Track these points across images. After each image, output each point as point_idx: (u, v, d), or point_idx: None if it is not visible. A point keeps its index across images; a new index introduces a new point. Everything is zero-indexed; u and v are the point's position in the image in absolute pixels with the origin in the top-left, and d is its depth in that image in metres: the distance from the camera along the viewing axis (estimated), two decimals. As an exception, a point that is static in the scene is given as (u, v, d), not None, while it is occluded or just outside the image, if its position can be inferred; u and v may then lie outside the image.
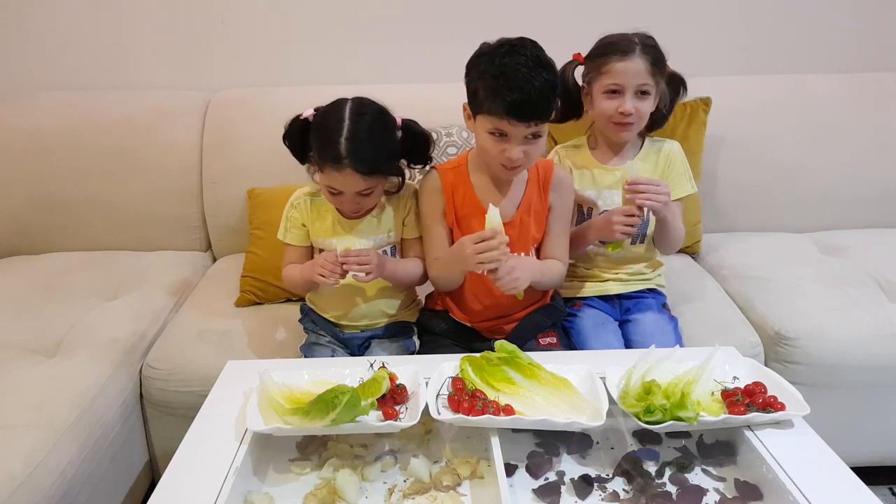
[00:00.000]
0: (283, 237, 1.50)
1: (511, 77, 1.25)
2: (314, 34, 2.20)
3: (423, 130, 1.42)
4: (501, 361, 1.19)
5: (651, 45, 1.47)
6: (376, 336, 1.52)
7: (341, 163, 1.30)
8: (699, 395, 1.12)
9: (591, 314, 1.57)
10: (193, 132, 2.07)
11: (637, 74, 1.45)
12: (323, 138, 1.33)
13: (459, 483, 1.06)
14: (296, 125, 1.38)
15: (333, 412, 1.04)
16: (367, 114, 1.34)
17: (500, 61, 1.27)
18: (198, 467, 1.03)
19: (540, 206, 1.45)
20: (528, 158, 1.34)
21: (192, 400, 1.33)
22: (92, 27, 2.18)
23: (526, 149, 1.31)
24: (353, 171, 1.31)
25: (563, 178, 1.48)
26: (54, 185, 2.03)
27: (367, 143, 1.31)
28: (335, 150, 1.30)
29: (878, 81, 2.15)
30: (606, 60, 1.47)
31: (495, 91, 1.27)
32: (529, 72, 1.25)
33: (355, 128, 1.31)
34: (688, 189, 1.59)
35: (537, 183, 1.45)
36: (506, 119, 1.27)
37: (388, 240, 1.48)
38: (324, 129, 1.33)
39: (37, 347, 1.56)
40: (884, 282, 1.76)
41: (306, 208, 1.47)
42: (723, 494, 1.03)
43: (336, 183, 1.35)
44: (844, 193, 2.09)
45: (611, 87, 1.47)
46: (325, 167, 1.34)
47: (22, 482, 1.17)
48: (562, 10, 2.17)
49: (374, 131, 1.33)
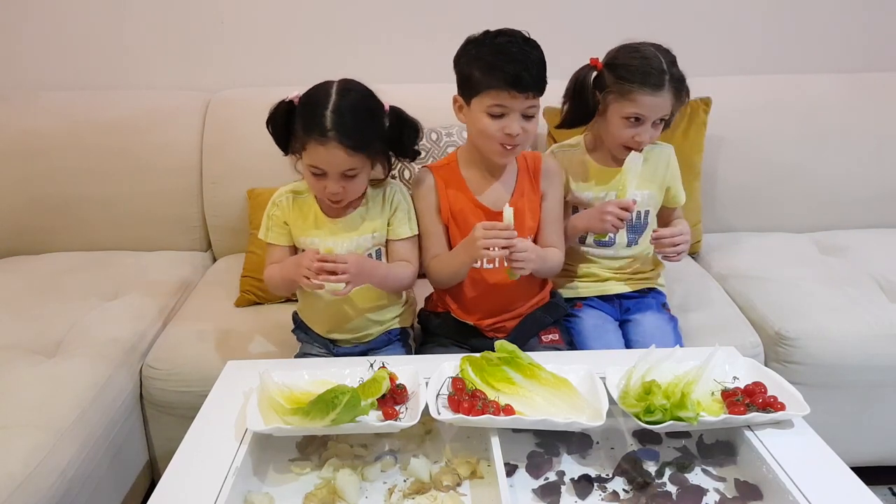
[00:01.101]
0: (264, 237, 1.45)
1: (507, 52, 1.30)
2: (314, 34, 2.20)
3: (411, 118, 1.39)
4: (501, 361, 1.19)
5: (678, 76, 1.46)
6: (372, 349, 1.47)
7: (326, 135, 1.27)
8: (699, 395, 1.12)
9: (591, 314, 1.57)
10: (193, 132, 2.07)
11: (662, 108, 1.46)
12: (308, 113, 1.30)
13: (459, 483, 1.06)
14: (280, 108, 1.34)
15: (333, 412, 1.04)
16: (353, 90, 1.33)
17: (493, 41, 1.33)
18: (198, 467, 1.03)
19: (532, 195, 1.46)
20: (526, 136, 1.36)
21: (192, 400, 1.33)
22: (92, 27, 2.18)
23: (524, 125, 1.34)
24: (338, 145, 1.27)
25: (552, 166, 1.50)
26: (54, 185, 2.03)
27: (353, 117, 1.29)
28: (320, 122, 1.27)
29: (878, 81, 2.15)
30: (635, 90, 1.43)
31: (494, 66, 1.30)
32: (523, 46, 1.32)
33: (341, 102, 1.29)
34: (683, 198, 1.63)
35: (527, 172, 1.47)
36: (506, 91, 1.30)
37: (373, 241, 1.43)
38: (309, 105, 1.31)
39: (37, 347, 1.56)
40: (884, 282, 1.76)
41: (288, 206, 1.43)
42: (723, 494, 1.03)
43: (320, 160, 1.29)
44: (844, 193, 2.09)
45: (634, 115, 1.45)
46: (308, 142, 1.29)
47: (22, 482, 1.17)
48: (562, 10, 2.17)
49: (360, 108, 1.31)
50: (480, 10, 2.16)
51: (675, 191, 1.60)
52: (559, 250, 1.50)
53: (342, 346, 1.48)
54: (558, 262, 1.50)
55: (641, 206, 1.56)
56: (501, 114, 1.33)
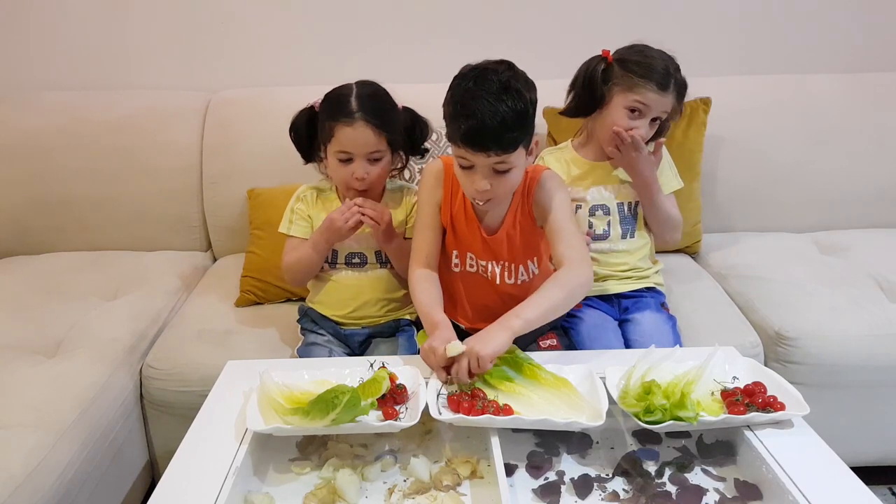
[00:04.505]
0: (286, 230, 1.52)
1: (468, 104, 1.18)
2: (314, 34, 2.20)
3: (422, 118, 1.50)
4: (501, 361, 1.20)
5: (682, 82, 1.52)
6: (378, 333, 1.53)
7: (353, 116, 1.37)
8: (699, 395, 1.12)
9: (590, 314, 1.57)
10: (193, 132, 2.07)
11: (663, 106, 1.51)
12: (333, 104, 1.41)
13: (459, 483, 1.06)
14: (302, 116, 1.46)
15: (333, 412, 1.04)
16: (373, 84, 1.45)
17: (465, 86, 1.20)
18: (198, 467, 1.03)
19: (523, 217, 1.38)
20: (495, 191, 1.26)
21: (192, 400, 1.33)
22: (92, 27, 2.18)
23: (493, 181, 1.23)
24: (365, 124, 1.37)
25: (548, 176, 1.38)
26: (54, 185, 2.03)
27: (377, 100, 1.41)
28: (347, 106, 1.38)
29: (878, 81, 2.15)
30: (642, 83, 1.48)
31: (453, 118, 1.21)
32: (491, 99, 1.17)
33: (363, 90, 1.41)
34: (675, 185, 1.64)
35: (521, 192, 1.38)
36: (462, 148, 1.21)
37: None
38: (332, 99, 1.43)
39: (37, 347, 1.56)
40: (884, 282, 1.76)
41: (312, 201, 1.53)
42: (723, 494, 1.03)
43: (348, 140, 1.38)
44: (844, 193, 2.09)
45: (636, 106, 1.50)
46: (336, 127, 1.38)
47: (22, 482, 1.17)
48: (562, 10, 2.17)
49: (381, 95, 1.44)
50: (480, 11, 2.15)
51: (662, 181, 1.61)
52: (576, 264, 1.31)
53: (349, 328, 1.53)
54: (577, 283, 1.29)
55: (631, 198, 1.61)
56: (468, 166, 1.24)
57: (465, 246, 1.43)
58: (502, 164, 1.22)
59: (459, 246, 1.44)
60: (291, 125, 1.48)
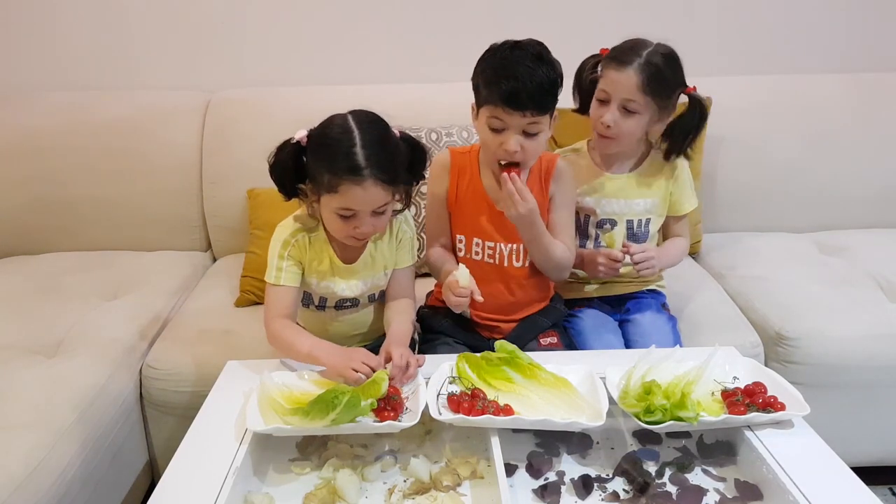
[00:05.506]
0: (275, 280, 1.32)
1: (509, 67, 1.28)
2: (314, 34, 2.20)
3: (420, 142, 1.35)
4: (501, 361, 1.19)
5: (655, 62, 1.40)
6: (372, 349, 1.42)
7: (361, 174, 1.18)
8: (699, 395, 1.12)
9: (591, 314, 1.57)
10: (193, 132, 2.07)
11: (625, 88, 1.40)
12: (331, 153, 1.21)
13: (459, 483, 1.06)
14: (286, 151, 1.25)
15: (333, 412, 1.04)
16: (373, 121, 1.25)
17: (503, 54, 1.31)
18: (198, 467, 1.03)
19: (540, 198, 1.42)
20: (525, 154, 1.32)
21: (192, 400, 1.33)
22: (92, 27, 2.18)
23: (523, 143, 1.31)
24: (374, 181, 1.19)
25: (565, 169, 1.46)
26: (54, 185, 2.03)
27: (383, 150, 1.22)
28: (352, 160, 1.18)
29: (878, 81, 2.15)
30: (606, 65, 1.46)
31: (493, 80, 1.29)
32: (530, 63, 1.27)
33: (367, 136, 1.21)
34: (691, 205, 1.59)
35: (538, 175, 1.44)
36: (501, 107, 1.28)
37: (385, 278, 1.40)
38: (329, 144, 1.22)
39: (37, 347, 1.56)
40: (884, 282, 1.76)
41: (305, 246, 1.34)
42: (723, 494, 1.03)
43: (355, 200, 1.21)
44: (844, 193, 2.09)
45: (600, 93, 1.46)
46: (340, 185, 1.20)
47: (22, 482, 1.17)
48: (562, 10, 2.17)
49: (385, 138, 1.24)
50: (480, 11, 2.15)
51: (677, 200, 1.57)
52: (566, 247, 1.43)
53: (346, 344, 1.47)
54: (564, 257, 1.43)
55: (642, 215, 1.56)
56: (501, 128, 1.31)
57: (471, 230, 1.45)
58: (535, 124, 1.30)
59: (466, 230, 1.45)
60: (275, 163, 1.27)
